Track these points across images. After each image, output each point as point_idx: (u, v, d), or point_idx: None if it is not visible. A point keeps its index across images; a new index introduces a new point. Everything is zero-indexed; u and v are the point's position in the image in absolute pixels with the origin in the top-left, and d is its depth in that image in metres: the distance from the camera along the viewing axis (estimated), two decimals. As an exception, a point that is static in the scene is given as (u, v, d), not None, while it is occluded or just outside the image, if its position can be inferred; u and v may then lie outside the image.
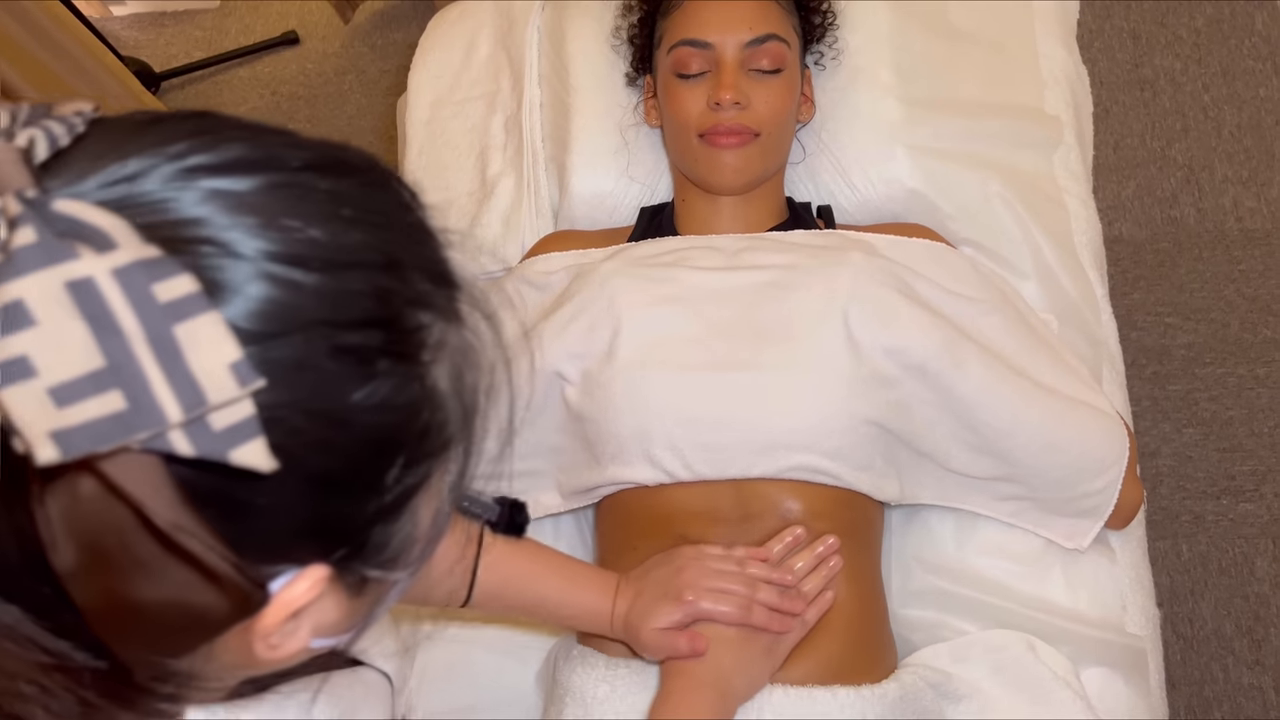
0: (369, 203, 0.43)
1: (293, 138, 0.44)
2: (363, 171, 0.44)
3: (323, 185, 0.42)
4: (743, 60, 1.14)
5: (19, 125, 0.39)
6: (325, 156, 0.43)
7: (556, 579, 0.96)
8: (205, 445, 0.36)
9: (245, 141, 0.41)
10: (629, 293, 1.07)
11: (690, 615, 0.94)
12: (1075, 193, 1.28)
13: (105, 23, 2.59)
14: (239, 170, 0.40)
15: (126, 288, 0.35)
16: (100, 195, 0.38)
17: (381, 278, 0.42)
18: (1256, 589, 1.71)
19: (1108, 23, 2.19)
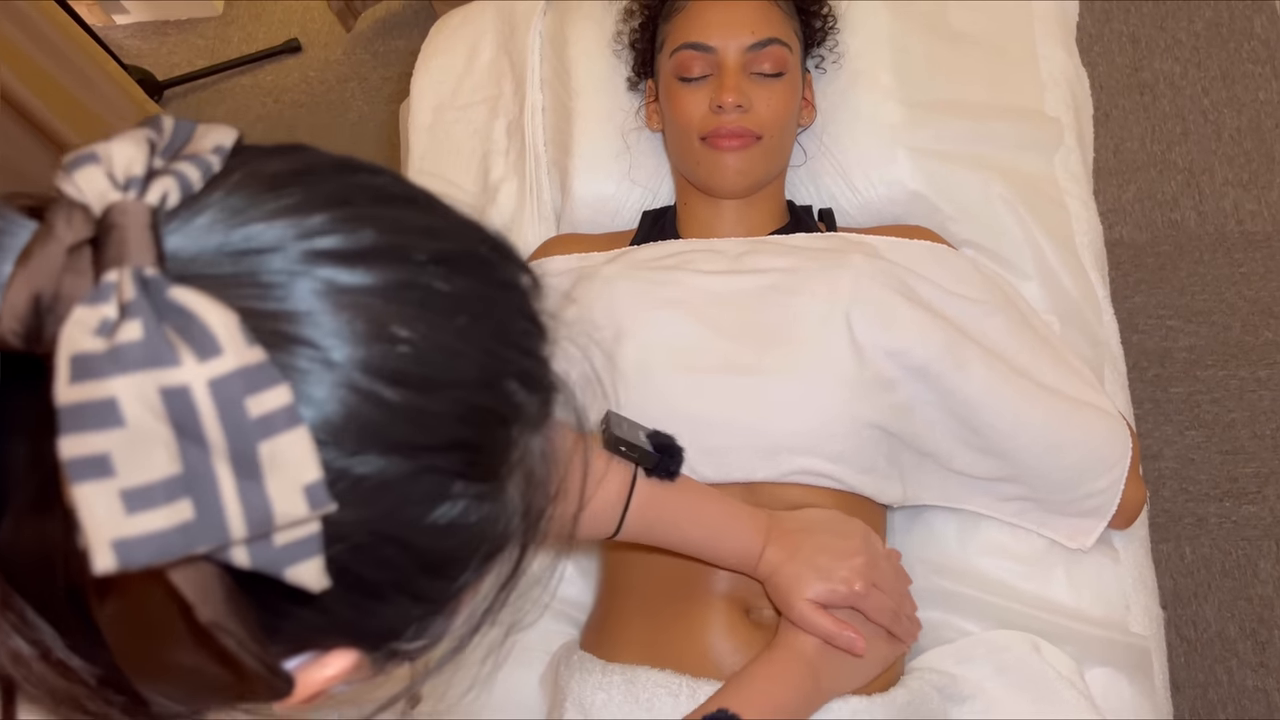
0: (488, 308, 0.42)
1: (431, 218, 0.42)
2: (490, 267, 0.43)
3: (444, 287, 0.40)
4: (744, 64, 1.15)
5: (159, 156, 0.38)
6: (458, 249, 0.42)
7: (702, 526, 0.93)
8: (263, 560, 0.36)
9: (381, 226, 0.40)
10: (631, 296, 1.07)
11: (849, 604, 0.92)
12: (1076, 194, 1.28)
13: (108, 31, 2.60)
14: (364, 262, 0.39)
15: (220, 400, 0.34)
16: (221, 267, 0.37)
17: (479, 395, 0.41)
18: (1260, 591, 1.70)
19: (1107, 26, 2.20)
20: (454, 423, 0.40)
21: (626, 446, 0.86)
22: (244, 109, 2.46)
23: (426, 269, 0.40)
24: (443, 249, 0.41)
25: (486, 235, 0.45)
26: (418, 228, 0.41)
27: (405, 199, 0.43)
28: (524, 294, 0.45)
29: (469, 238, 0.43)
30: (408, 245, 0.40)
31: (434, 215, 0.43)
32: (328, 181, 0.41)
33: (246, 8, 2.62)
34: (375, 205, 0.41)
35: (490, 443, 0.42)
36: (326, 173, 0.41)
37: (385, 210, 0.41)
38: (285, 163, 0.41)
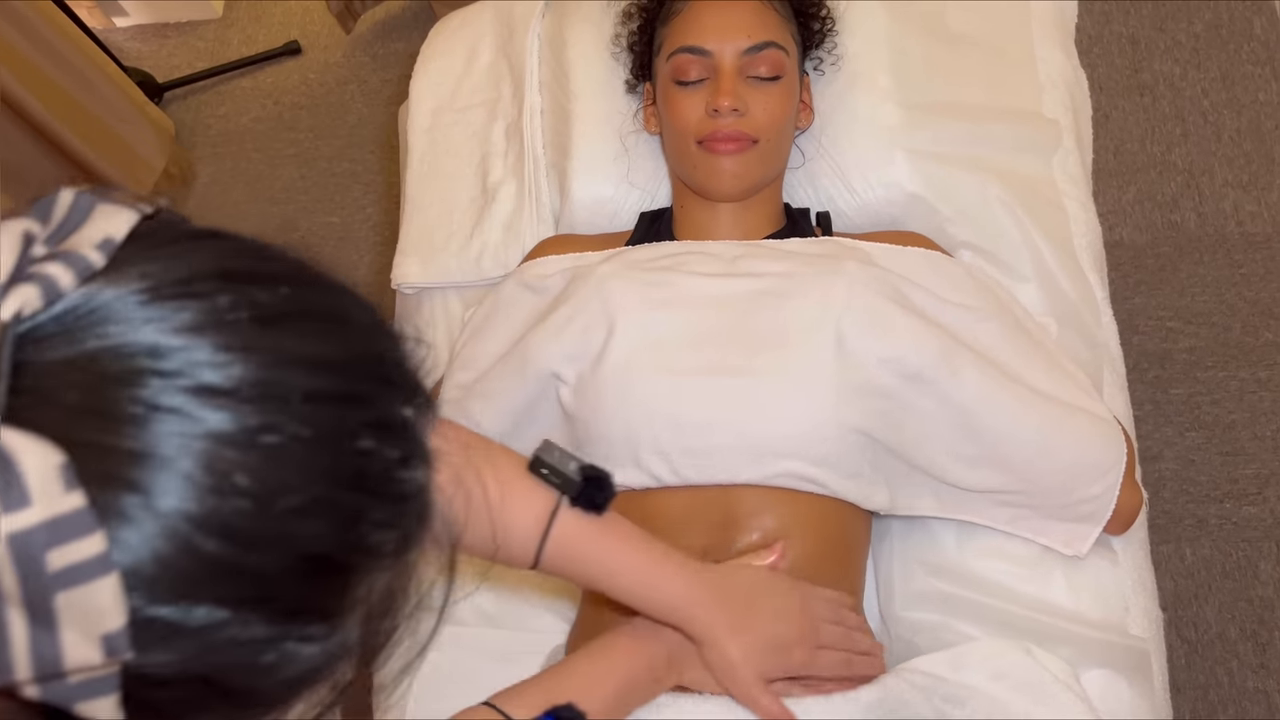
0: (350, 455, 0.41)
1: (322, 344, 0.41)
2: (367, 405, 0.42)
3: (306, 433, 0.39)
4: (741, 67, 1.15)
5: (39, 245, 0.37)
6: (336, 387, 0.41)
7: (630, 569, 0.87)
8: (53, 695, 0.35)
9: (260, 359, 0.38)
10: (624, 295, 1.07)
11: (799, 674, 0.91)
12: (1074, 196, 1.28)
13: (108, 34, 2.60)
14: (230, 402, 0.37)
15: (17, 552, 0.33)
16: (70, 394, 0.35)
17: (319, 546, 0.40)
18: (1260, 592, 1.70)
19: (1107, 28, 2.19)
20: (283, 578, 0.39)
21: (549, 470, 0.83)
22: (243, 111, 2.46)
23: (293, 411, 0.39)
24: (319, 387, 0.40)
25: (382, 360, 0.43)
26: (302, 359, 0.40)
27: (300, 315, 0.41)
28: (401, 427, 0.43)
29: (356, 370, 0.42)
30: (282, 383, 0.39)
31: (326, 340, 0.41)
32: (218, 295, 0.39)
33: (246, 10, 2.62)
34: (263, 330, 0.39)
35: (325, 593, 0.41)
36: (217, 283, 0.39)
37: (271, 336, 0.39)
38: (174, 268, 0.39)
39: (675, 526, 1.02)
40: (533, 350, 1.08)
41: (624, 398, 1.03)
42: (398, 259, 1.38)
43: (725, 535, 1.02)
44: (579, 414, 1.05)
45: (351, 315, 0.44)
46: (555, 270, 1.18)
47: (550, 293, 1.16)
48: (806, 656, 0.91)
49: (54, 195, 0.39)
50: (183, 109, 2.49)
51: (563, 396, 1.07)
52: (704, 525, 1.02)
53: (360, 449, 0.41)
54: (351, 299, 0.45)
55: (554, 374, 1.07)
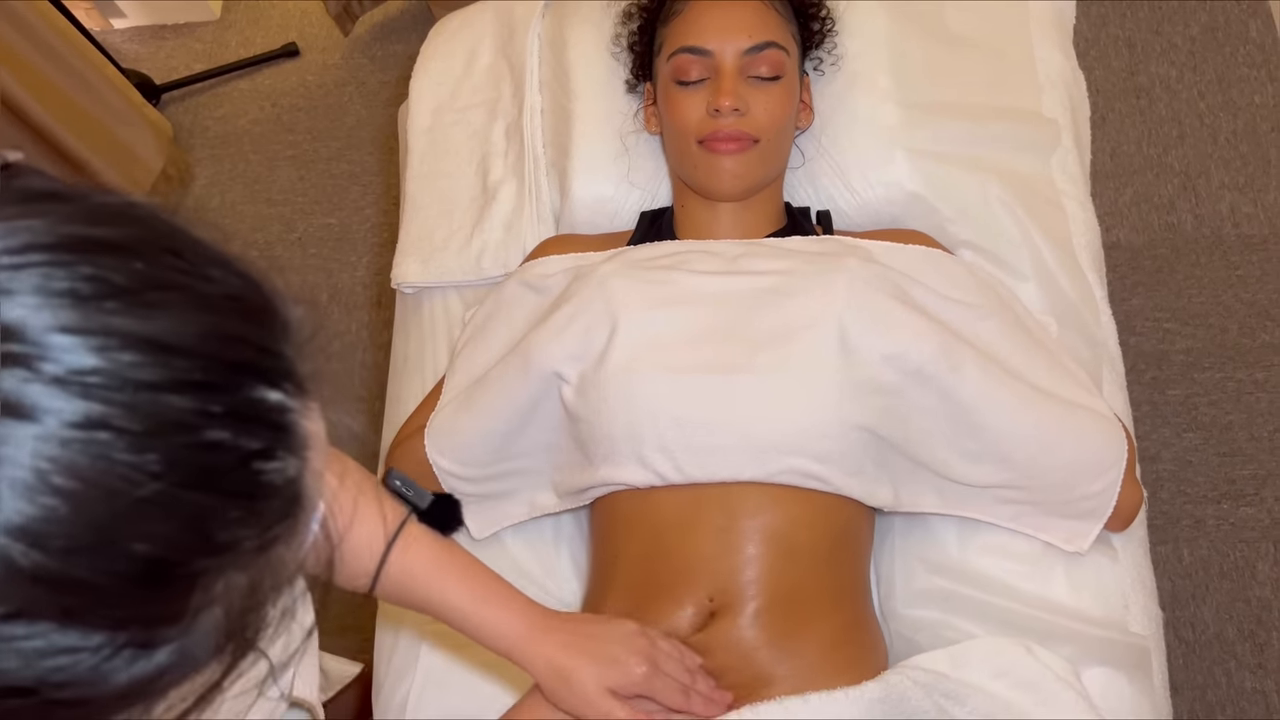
0: (199, 455, 0.38)
1: (177, 320, 0.38)
2: (222, 392, 0.39)
3: (136, 426, 0.36)
4: (742, 67, 1.15)
5: None
6: (187, 373, 0.37)
7: (468, 589, 0.87)
8: None
9: (85, 344, 0.35)
10: (626, 294, 1.07)
11: (639, 690, 0.90)
12: (1073, 195, 1.29)
13: (105, 35, 2.60)
14: (64, 391, 0.34)
15: None
16: None
17: (162, 552, 0.37)
18: (1258, 593, 1.71)
19: (1103, 31, 2.20)
20: (113, 586, 0.36)
21: (402, 483, 0.84)
22: (241, 113, 2.46)
23: (123, 401, 0.36)
24: (156, 376, 0.37)
25: (242, 340, 0.40)
26: (139, 341, 0.36)
27: (144, 290, 0.38)
28: (264, 414, 0.40)
29: (205, 354, 0.38)
30: (113, 371, 0.36)
31: (171, 320, 0.38)
32: (52, 268, 0.36)
33: (244, 12, 2.62)
34: (97, 308, 0.36)
35: (165, 598, 0.38)
36: (54, 254, 0.36)
37: (106, 316, 0.36)
38: (10, 232, 0.36)
39: (679, 524, 1.02)
40: (535, 350, 1.08)
41: (627, 396, 1.03)
42: (397, 259, 1.38)
43: (729, 533, 1.02)
44: (582, 413, 1.06)
45: (209, 290, 0.40)
46: (557, 270, 1.18)
47: (552, 292, 1.16)
48: (648, 670, 0.89)
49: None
50: (181, 110, 2.49)
51: (565, 396, 1.07)
52: (708, 523, 1.02)
53: (206, 441, 0.38)
54: (219, 270, 0.41)
55: (556, 373, 1.07)
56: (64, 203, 0.38)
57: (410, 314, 1.40)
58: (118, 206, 0.40)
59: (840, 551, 1.04)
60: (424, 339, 1.37)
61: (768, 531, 1.01)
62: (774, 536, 1.01)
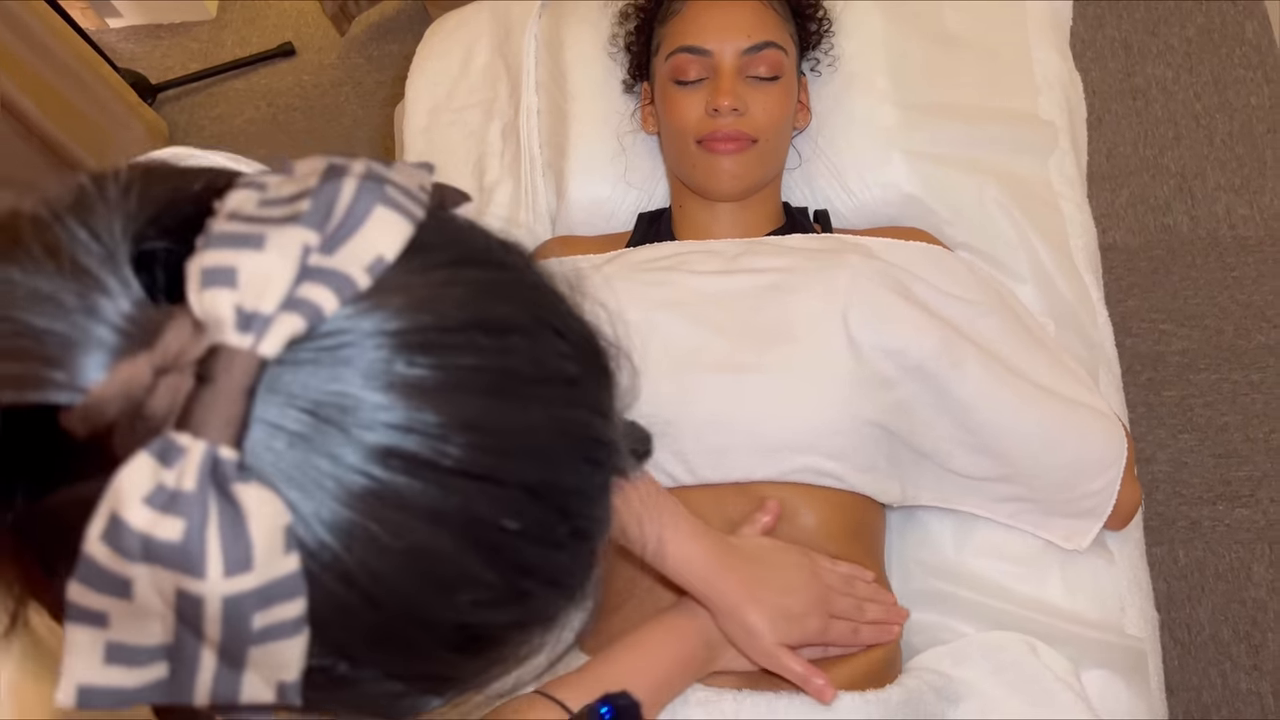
0: (539, 559, 0.41)
1: (540, 436, 0.40)
2: (577, 498, 0.42)
3: (512, 525, 0.39)
4: (740, 67, 1.15)
5: (315, 254, 0.36)
6: (545, 480, 0.40)
7: (646, 529, 0.88)
8: (218, 699, 0.37)
9: (479, 443, 0.37)
10: (627, 296, 1.07)
11: (814, 642, 0.94)
12: (1070, 197, 1.29)
13: (101, 34, 2.59)
14: (429, 474, 0.36)
15: (229, 611, 0.34)
16: (299, 442, 0.35)
17: (481, 629, 0.41)
18: (1253, 594, 1.71)
19: (1100, 32, 2.20)
20: (440, 651, 0.40)
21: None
22: (237, 112, 2.46)
23: (504, 501, 0.38)
24: (530, 480, 0.39)
25: (598, 441, 0.43)
26: (516, 449, 0.39)
27: (537, 382, 0.40)
28: (600, 509, 0.44)
29: (566, 458, 0.41)
30: (495, 470, 0.38)
31: (554, 417, 0.40)
32: (461, 355, 0.38)
33: (240, 11, 2.61)
34: (497, 401, 0.38)
35: (473, 664, 0.42)
36: (465, 335, 0.38)
37: (502, 412, 0.38)
38: (427, 309, 0.38)
39: None
40: None
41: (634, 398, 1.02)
42: (394, 259, 1.38)
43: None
44: None
45: (574, 375, 0.43)
46: (556, 271, 1.18)
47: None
48: (821, 624, 0.93)
49: (336, 186, 0.38)
50: (176, 110, 2.48)
51: (569, 399, 1.07)
52: (722, 523, 1.01)
53: (557, 540, 0.41)
54: (582, 344, 0.44)
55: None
56: (484, 269, 0.41)
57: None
58: (514, 277, 0.42)
59: (857, 547, 1.04)
60: (421, 340, 1.36)
61: (785, 530, 1.01)
62: (792, 535, 1.01)
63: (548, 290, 0.44)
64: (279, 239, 0.36)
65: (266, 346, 0.35)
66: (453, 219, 0.42)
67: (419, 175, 0.41)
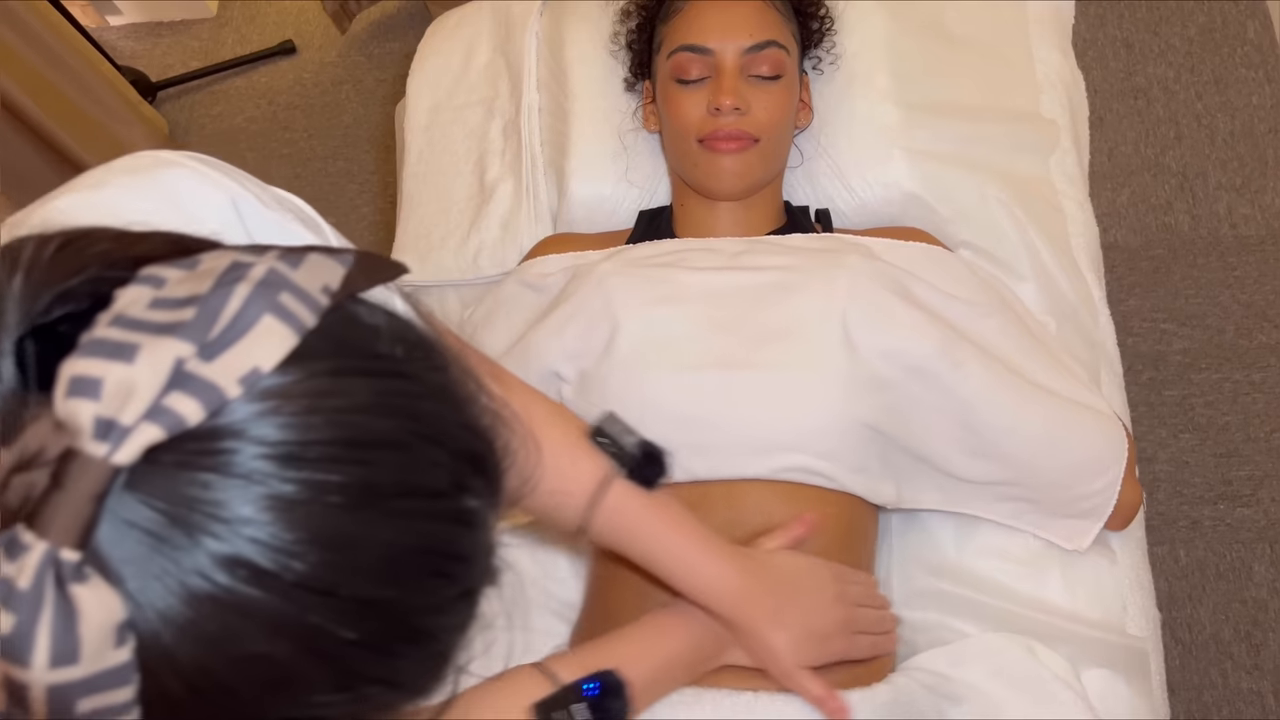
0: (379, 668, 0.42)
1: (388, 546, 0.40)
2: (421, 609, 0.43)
3: (347, 635, 0.40)
4: (742, 66, 1.15)
5: (192, 361, 0.37)
6: (388, 598, 0.41)
7: (674, 549, 0.88)
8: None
9: (319, 556, 0.38)
10: (626, 293, 1.07)
11: (838, 659, 0.93)
12: (1072, 196, 1.29)
13: (101, 32, 2.59)
14: (270, 583, 0.38)
15: (54, 698, 0.35)
16: (151, 540, 0.36)
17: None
18: (1254, 594, 1.71)
19: (1101, 31, 2.20)
20: None
21: (609, 440, 0.86)
22: (237, 111, 2.46)
23: (342, 612, 0.39)
24: (371, 595, 0.40)
25: (453, 552, 0.43)
26: (361, 566, 0.40)
27: (397, 494, 0.41)
28: (460, 599, 0.44)
29: (414, 573, 0.42)
30: (337, 585, 0.39)
31: (404, 531, 0.41)
32: (329, 473, 0.39)
33: (240, 9, 2.61)
34: (349, 518, 0.39)
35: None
36: (334, 451, 0.39)
37: (353, 527, 0.39)
38: (301, 425, 0.38)
39: None
40: (534, 349, 1.07)
41: (629, 395, 1.03)
42: (394, 257, 1.38)
43: (736, 529, 1.01)
44: (583, 411, 1.05)
45: (453, 488, 0.43)
46: (556, 269, 1.18)
47: (551, 291, 1.16)
48: (845, 644, 0.92)
49: (227, 294, 0.38)
50: (176, 108, 2.48)
51: (565, 395, 1.07)
52: (713, 520, 1.01)
53: (396, 650, 0.42)
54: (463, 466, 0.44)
55: (555, 372, 1.07)
56: (372, 380, 0.41)
57: (407, 313, 1.40)
58: (400, 387, 0.42)
59: (848, 548, 1.04)
60: (421, 338, 1.36)
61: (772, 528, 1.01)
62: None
63: (438, 395, 0.43)
64: (153, 351, 0.37)
65: (122, 455, 0.36)
66: (352, 320, 0.42)
67: (326, 273, 0.40)
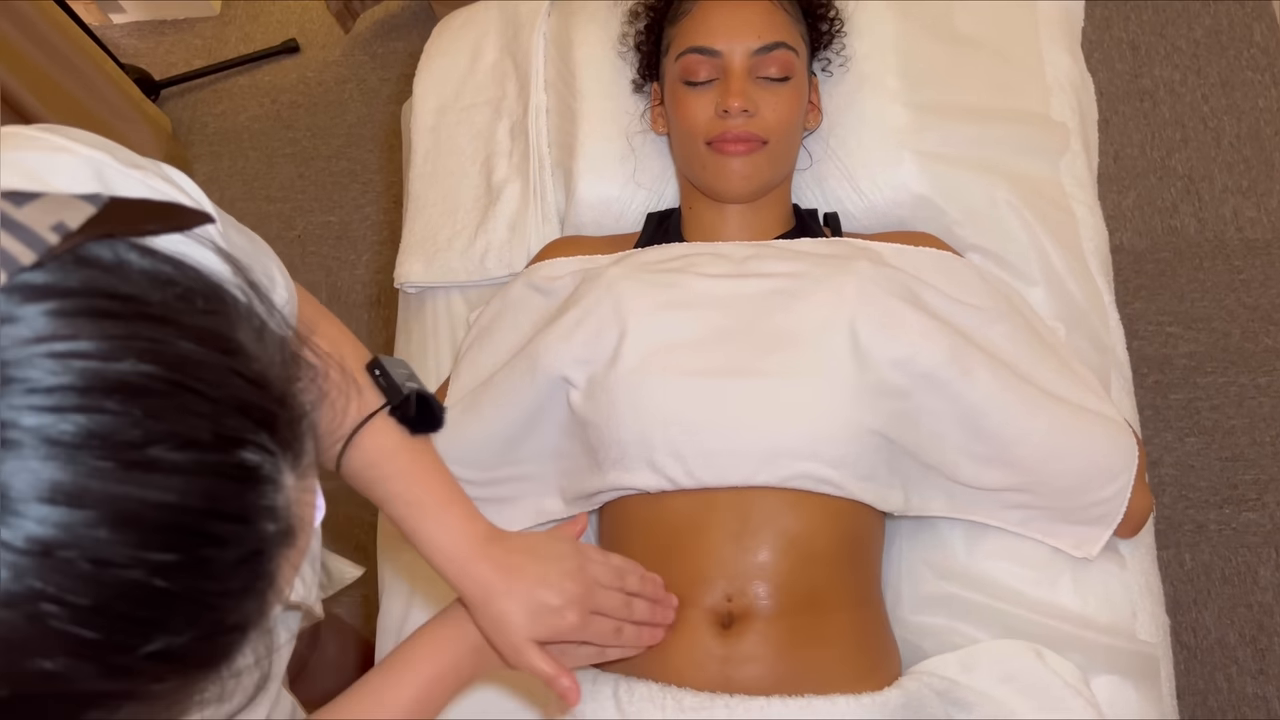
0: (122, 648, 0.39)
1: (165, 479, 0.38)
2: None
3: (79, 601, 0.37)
4: (751, 68, 1.14)
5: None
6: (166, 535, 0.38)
7: (416, 495, 0.83)
8: None
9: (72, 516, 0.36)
10: (635, 298, 1.07)
11: (571, 638, 0.86)
12: (1081, 199, 1.28)
13: (105, 30, 2.58)
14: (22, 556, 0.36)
15: None
16: None
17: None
18: (1260, 598, 1.70)
19: (1107, 33, 2.20)
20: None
21: (381, 374, 0.83)
22: (241, 109, 2.45)
23: (74, 577, 0.37)
24: (109, 556, 0.37)
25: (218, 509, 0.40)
26: (97, 522, 0.37)
27: (159, 440, 0.38)
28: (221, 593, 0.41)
29: (159, 533, 0.39)
30: (69, 544, 0.37)
31: (135, 504, 0.38)
32: (63, 414, 0.37)
33: (244, 8, 2.61)
34: (116, 480, 0.37)
35: None
36: (70, 397, 0.37)
37: (90, 485, 0.37)
38: (34, 369, 0.36)
39: (692, 528, 1.01)
40: (542, 353, 1.07)
41: (637, 400, 1.02)
42: (401, 258, 1.38)
43: (742, 538, 1.01)
44: (591, 417, 1.05)
45: (218, 440, 0.40)
46: (564, 272, 1.17)
47: (559, 295, 1.15)
48: (579, 620, 0.84)
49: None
50: (180, 106, 2.47)
51: (573, 400, 1.06)
52: (721, 527, 1.01)
53: (156, 619, 0.39)
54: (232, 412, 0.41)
55: (564, 377, 1.06)
56: (93, 319, 0.38)
57: (413, 314, 1.40)
58: (150, 332, 0.39)
59: (856, 555, 1.04)
60: (426, 339, 1.36)
61: (783, 536, 1.00)
62: (789, 541, 1.00)
63: (201, 339, 0.41)
64: None
65: None
66: (90, 260, 0.40)
67: (63, 210, 0.39)
